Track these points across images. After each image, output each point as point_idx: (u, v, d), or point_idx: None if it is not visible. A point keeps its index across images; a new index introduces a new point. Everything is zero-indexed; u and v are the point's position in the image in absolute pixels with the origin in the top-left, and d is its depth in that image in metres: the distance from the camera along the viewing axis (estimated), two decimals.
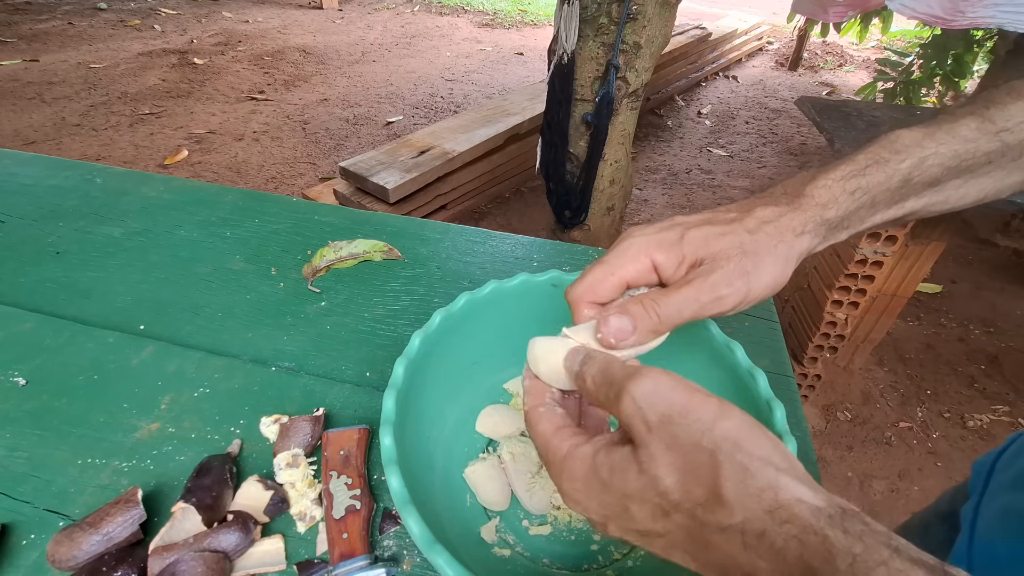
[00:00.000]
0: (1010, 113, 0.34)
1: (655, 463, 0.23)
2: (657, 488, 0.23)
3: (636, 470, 0.24)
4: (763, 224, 0.32)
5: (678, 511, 0.23)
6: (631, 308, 0.31)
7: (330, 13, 4.83)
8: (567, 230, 1.66)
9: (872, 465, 1.49)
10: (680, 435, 0.23)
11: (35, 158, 0.87)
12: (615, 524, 0.25)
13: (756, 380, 0.40)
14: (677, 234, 0.32)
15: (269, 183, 2.50)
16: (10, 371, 0.53)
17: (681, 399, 0.24)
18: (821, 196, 0.32)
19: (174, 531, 0.38)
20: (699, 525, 0.22)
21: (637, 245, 0.32)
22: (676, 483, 0.23)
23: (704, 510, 0.22)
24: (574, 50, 1.34)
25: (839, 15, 1.92)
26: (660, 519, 0.24)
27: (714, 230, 0.32)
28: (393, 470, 0.34)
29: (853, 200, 0.33)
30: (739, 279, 0.30)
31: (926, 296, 2.03)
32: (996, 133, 0.33)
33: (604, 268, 0.33)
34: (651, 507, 0.24)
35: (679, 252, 0.32)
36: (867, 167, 0.33)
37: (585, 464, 0.26)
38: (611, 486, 0.25)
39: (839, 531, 0.20)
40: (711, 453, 0.22)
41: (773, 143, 3.12)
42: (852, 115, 1.47)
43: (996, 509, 0.44)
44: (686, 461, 0.23)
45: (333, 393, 0.52)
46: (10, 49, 3.55)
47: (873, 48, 4.55)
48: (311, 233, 0.72)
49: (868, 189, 0.33)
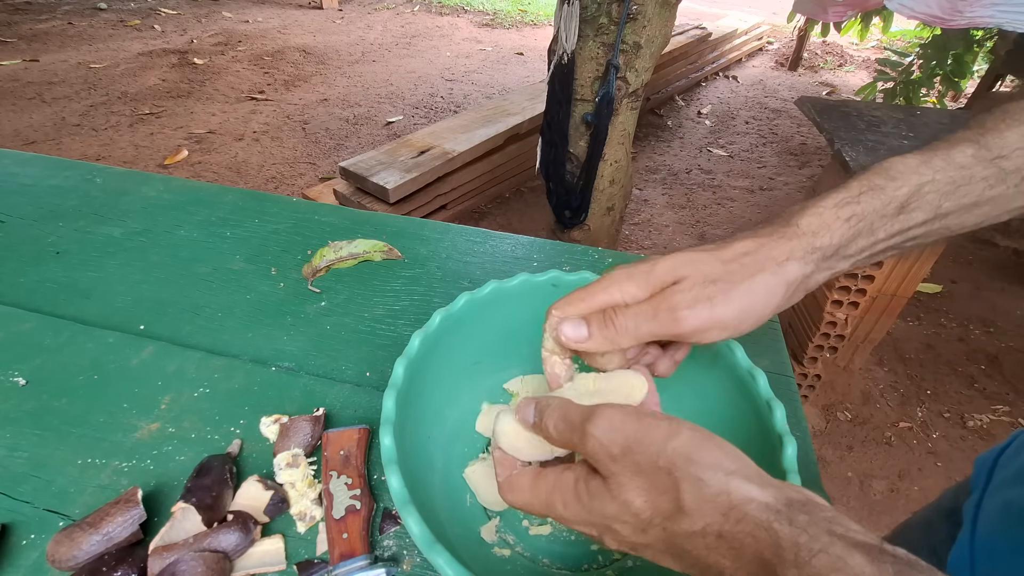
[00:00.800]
0: (1006, 140, 0.34)
1: (624, 489, 0.26)
2: (630, 510, 0.26)
3: (609, 498, 0.27)
4: (741, 256, 0.33)
5: (652, 526, 0.26)
6: (591, 316, 0.34)
7: (330, 13, 4.83)
8: (567, 230, 1.66)
9: (872, 465, 1.49)
10: (640, 461, 0.26)
11: (35, 158, 0.87)
12: (609, 538, 0.28)
13: (756, 380, 0.40)
14: (650, 265, 0.34)
15: (269, 183, 2.50)
16: (10, 371, 0.53)
17: (633, 429, 0.26)
18: (810, 224, 0.33)
19: (174, 531, 0.38)
20: (671, 536, 0.25)
21: (612, 277, 0.34)
22: (645, 503, 0.26)
23: (672, 522, 0.25)
24: (574, 50, 1.34)
25: (839, 15, 1.92)
26: (640, 534, 0.26)
27: (684, 258, 0.33)
28: (393, 470, 0.34)
29: (849, 227, 0.33)
30: (700, 304, 0.32)
31: (926, 296, 2.03)
32: (992, 160, 0.33)
33: (581, 293, 0.35)
34: (630, 526, 0.26)
35: (648, 281, 0.34)
36: (861, 194, 0.33)
37: (569, 491, 0.29)
38: (593, 511, 0.27)
39: (785, 524, 0.22)
40: (668, 472, 0.25)
41: (773, 143, 3.12)
42: (852, 115, 1.47)
43: (998, 504, 0.44)
44: (650, 483, 0.25)
45: (333, 393, 0.52)
46: (10, 49, 3.55)
47: (873, 48, 4.55)
48: (311, 233, 0.72)
49: (864, 215, 0.33)
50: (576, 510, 0.28)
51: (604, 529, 0.28)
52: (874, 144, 1.33)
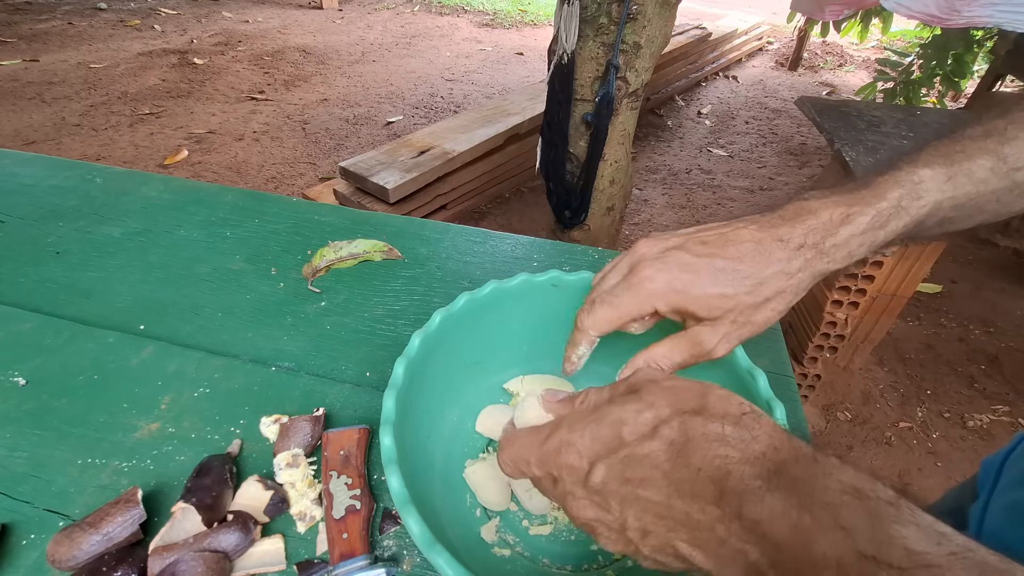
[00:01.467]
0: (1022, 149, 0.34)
1: (653, 394, 0.27)
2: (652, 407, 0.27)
3: (635, 399, 0.28)
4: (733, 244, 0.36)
5: (665, 424, 0.26)
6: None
7: (330, 13, 4.83)
8: (567, 230, 1.66)
9: (872, 465, 1.49)
10: (677, 384, 0.28)
11: (35, 158, 0.87)
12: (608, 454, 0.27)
13: (756, 380, 0.40)
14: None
15: (269, 183, 2.50)
16: (10, 371, 0.53)
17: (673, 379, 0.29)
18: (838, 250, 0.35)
19: (174, 531, 0.38)
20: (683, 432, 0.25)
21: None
22: (668, 404, 0.27)
23: (690, 416, 0.26)
24: (574, 50, 1.34)
25: (836, 14, 1.92)
26: (647, 440, 0.26)
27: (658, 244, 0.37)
28: (393, 470, 0.34)
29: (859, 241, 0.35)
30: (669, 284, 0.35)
31: (926, 296, 2.03)
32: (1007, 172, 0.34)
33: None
34: (643, 427, 0.26)
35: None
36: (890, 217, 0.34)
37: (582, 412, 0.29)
38: (604, 417, 0.27)
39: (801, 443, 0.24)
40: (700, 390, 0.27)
41: (773, 143, 3.12)
42: (852, 115, 1.47)
43: (1004, 504, 0.45)
44: (679, 394, 0.27)
45: (333, 393, 0.52)
46: (10, 49, 3.55)
47: (873, 48, 4.55)
48: (311, 233, 0.72)
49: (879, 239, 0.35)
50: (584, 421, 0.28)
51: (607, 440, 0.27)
52: (874, 144, 1.33)
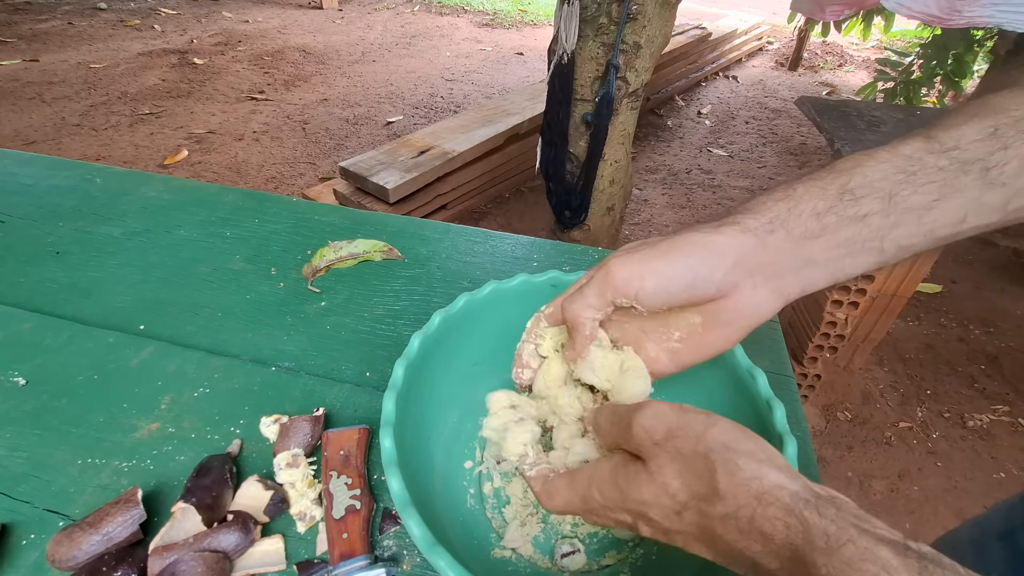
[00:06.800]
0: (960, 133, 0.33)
1: (663, 472, 0.27)
2: (667, 492, 0.27)
3: (647, 479, 0.28)
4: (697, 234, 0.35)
5: (687, 509, 0.26)
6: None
7: (330, 13, 4.83)
8: (567, 230, 1.66)
9: (872, 465, 1.49)
10: (680, 446, 0.27)
11: (35, 158, 0.87)
12: (643, 524, 0.29)
13: (756, 380, 0.40)
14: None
15: (269, 183, 2.50)
16: (10, 371, 0.53)
17: (676, 417, 0.28)
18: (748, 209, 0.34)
19: (174, 531, 0.38)
20: (705, 518, 0.26)
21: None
22: (682, 485, 0.27)
23: (707, 504, 0.26)
24: (574, 50, 1.34)
25: (836, 13, 1.91)
26: (675, 518, 0.27)
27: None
28: (394, 472, 0.34)
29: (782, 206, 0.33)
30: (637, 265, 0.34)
31: (926, 296, 2.03)
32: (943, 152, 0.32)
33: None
34: (665, 510, 0.27)
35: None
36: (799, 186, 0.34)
37: (606, 480, 0.30)
38: (628, 497, 0.28)
39: (814, 513, 0.23)
40: (705, 456, 0.26)
41: (773, 143, 3.12)
42: (852, 115, 1.47)
43: None
44: (687, 466, 0.27)
45: (333, 393, 0.52)
46: (10, 49, 3.54)
47: (873, 48, 4.55)
48: (311, 233, 0.72)
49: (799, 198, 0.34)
50: (613, 496, 0.29)
51: (638, 515, 0.29)
52: (874, 144, 1.33)
